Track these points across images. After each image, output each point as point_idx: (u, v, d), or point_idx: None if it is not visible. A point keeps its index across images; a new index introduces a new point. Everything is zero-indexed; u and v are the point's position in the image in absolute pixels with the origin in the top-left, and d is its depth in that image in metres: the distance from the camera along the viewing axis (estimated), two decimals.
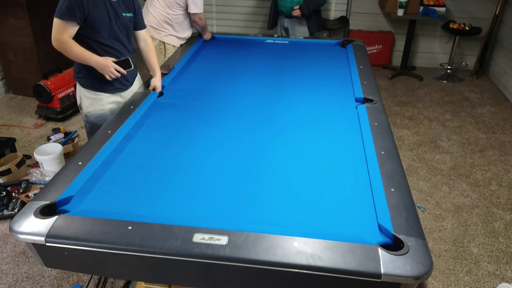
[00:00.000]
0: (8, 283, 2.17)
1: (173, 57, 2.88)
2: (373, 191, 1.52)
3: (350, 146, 1.85)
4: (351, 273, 1.17)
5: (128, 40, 2.28)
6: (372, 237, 1.31)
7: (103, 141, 1.78)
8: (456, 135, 3.66)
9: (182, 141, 1.88)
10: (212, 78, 2.59)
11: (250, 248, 1.22)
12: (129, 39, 2.28)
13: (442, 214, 2.70)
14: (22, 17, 3.83)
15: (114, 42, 2.17)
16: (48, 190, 1.47)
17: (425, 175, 3.09)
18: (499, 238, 2.50)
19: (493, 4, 4.69)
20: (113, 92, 2.28)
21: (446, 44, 5.12)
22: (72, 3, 1.95)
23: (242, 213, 1.43)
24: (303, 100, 2.30)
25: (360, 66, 2.72)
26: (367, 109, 2.12)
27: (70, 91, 3.90)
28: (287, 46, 3.21)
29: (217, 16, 5.41)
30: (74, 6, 1.95)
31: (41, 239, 1.27)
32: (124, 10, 2.16)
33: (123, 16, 2.16)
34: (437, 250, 2.41)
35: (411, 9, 4.63)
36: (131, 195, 1.51)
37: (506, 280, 2.23)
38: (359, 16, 5.16)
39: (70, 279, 2.19)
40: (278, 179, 1.62)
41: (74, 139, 3.43)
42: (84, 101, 2.29)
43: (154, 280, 1.54)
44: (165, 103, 2.25)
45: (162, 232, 1.27)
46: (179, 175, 1.64)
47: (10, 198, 2.71)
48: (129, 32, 2.26)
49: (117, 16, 2.13)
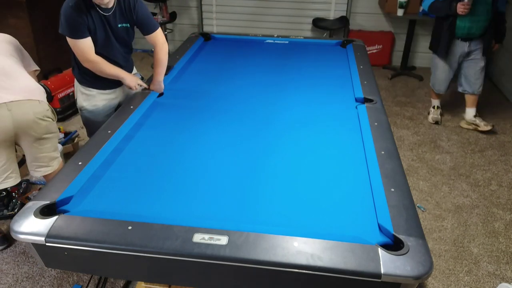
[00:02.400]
0: (8, 283, 2.17)
1: (173, 57, 2.88)
2: (373, 191, 1.52)
3: (350, 146, 1.85)
4: (351, 273, 1.17)
5: (126, 49, 2.33)
6: (372, 237, 1.31)
7: (103, 141, 1.78)
8: (456, 135, 3.66)
9: (182, 141, 1.88)
10: (212, 78, 2.59)
11: (250, 248, 1.22)
12: (127, 47, 2.33)
13: (442, 214, 2.70)
14: (22, 17, 3.83)
15: (110, 53, 2.22)
16: (48, 190, 1.47)
17: (425, 175, 3.09)
18: (499, 238, 2.50)
19: None
20: (105, 88, 2.34)
21: None
22: (74, 22, 2.01)
23: (242, 213, 1.43)
24: (303, 100, 2.30)
25: (360, 66, 2.72)
26: (367, 109, 2.12)
27: (70, 91, 3.90)
28: (287, 46, 3.21)
29: (217, 16, 5.41)
30: (78, 24, 2.02)
31: (41, 239, 1.27)
32: (120, 21, 2.17)
33: (119, 27, 2.18)
34: (437, 250, 2.41)
35: (411, 9, 4.62)
36: (131, 195, 1.51)
37: (506, 280, 2.23)
38: (359, 16, 5.16)
39: (70, 279, 2.19)
40: (278, 179, 1.62)
41: (74, 139, 3.43)
42: (79, 96, 2.38)
43: (154, 280, 1.54)
44: (165, 103, 2.25)
45: (162, 232, 1.27)
46: (179, 175, 1.64)
47: (10, 198, 2.71)
48: (127, 41, 2.29)
49: (111, 28, 2.16)
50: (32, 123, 2.05)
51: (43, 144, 2.17)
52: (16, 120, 2.00)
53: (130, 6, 2.17)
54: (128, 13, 2.18)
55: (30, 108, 2.04)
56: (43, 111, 2.10)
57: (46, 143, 2.19)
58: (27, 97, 2.05)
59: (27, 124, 2.04)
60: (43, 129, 2.11)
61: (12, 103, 1.98)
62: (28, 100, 2.04)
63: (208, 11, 5.39)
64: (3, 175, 2.12)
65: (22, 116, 2.01)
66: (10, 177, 2.15)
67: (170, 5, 5.27)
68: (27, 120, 2.03)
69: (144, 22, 2.25)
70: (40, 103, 2.10)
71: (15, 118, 1.99)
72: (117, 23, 2.17)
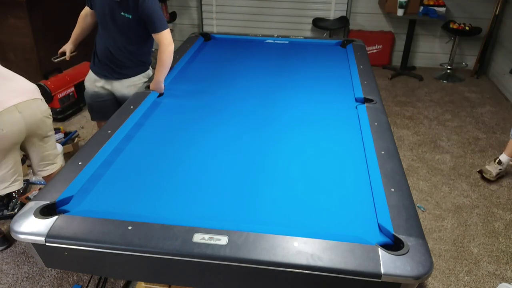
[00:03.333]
0: (8, 283, 2.17)
1: (173, 57, 2.87)
2: (373, 191, 1.52)
3: (350, 146, 1.85)
4: (351, 273, 1.17)
5: (126, 41, 2.35)
6: (372, 237, 1.30)
7: (103, 141, 1.78)
8: (456, 135, 3.66)
9: (182, 141, 1.88)
10: (212, 78, 2.59)
11: (250, 248, 1.22)
12: (128, 38, 2.34)
13: (442, 214, 2.70)
14: (22, 17, 3.82)
15: (106, 38, 2.33)
16: (48, 190, 1.47)
17: (425, 175, 3.09)
18: (499, 238, 2.50)
19: (493, 4, 4.69)
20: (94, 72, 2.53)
21: (446, 44, 5.12)
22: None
23: (242, 213, 1.43)
24: (303, 100, 2.30)
25: (360, 66, 2.71)
26: (367, 109, 2.12)
27: (70, 91, 3.90)
28: (287, 46, 3.21)
29: (217, 16, 5.41)
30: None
31: (41, 239, 1.27)
32: (124, 10, 2.19)
33: (121, 15, 2.22)
34: (437, 250, 2.41)
35: (411, 9, 4.63)
36: (131, 195, 1.51)
37: (506, 280, 2.23)
38: (359, 16, 5.17)
39: (70, 279, 2.19)
40: (278, 179, 1.62)
41: (74, 139, 3.43)
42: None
43: (154, 280, 1.54)
44: (165, 103, 2.25)
45: (162, 232, 1.27)
46: (179, 175, 1.64)
47: (10, 198, 2.71)
48: (128, 33, 2.29)
49: (113, 13, 2.22)
50: (40, 122, 2.07)
51: (47, 142, 2.19)
52: (27, 122, 2.01)
53: (139, 0, 2.19)
54: (134, 6, 2.21)
55: (37, 108, 2.06)
56: (46, 109, 2.12)
57: (50, 140, 2.21)
58: (31, 96, 2.06)
59: (36, 124, 2.05)
60: (48, 126, 2.14)
61: (20, 105, 1.99)
62: (34, 99, 2.06)
63: (208, 11, 5.40)
64: (11, 178, 2.13)
65: (32, 116, 2.03)
66: (17, 180, 2.16)
67: (170, 5, 5.27)
68: (35, 120, 2.05)
69: (149, 20, 2.26)
70: (42, 101, 2.13)
71: (26, 120, 2.01)
72: (120, 11, 2.23)
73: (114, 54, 2.40)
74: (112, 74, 2.48)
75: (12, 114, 1.95)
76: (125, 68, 2.46)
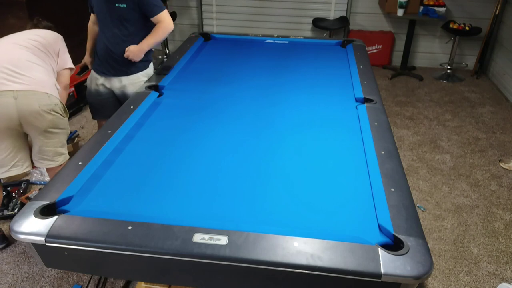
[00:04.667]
0: (8, 283, 2.17)
1: (173, 57, 2.88)
2: (373, 191, 1.52)
3: (350, 146, 1.85)
4: (351, 273, 1.17)
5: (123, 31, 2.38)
6: (372, 237, 1.31)
7: (103, 141, 1.78)
8: (456, 135, 3.66)
9: (182, 141, 1.88)
10: (212, 78, 2.59)
11: (250, 248, 1.22)
12: (125, 29, 2.38)
13: (442, 214, 2.70)
14: (22, 17, 3.82)
15: (104, 34, 2.37)
16: (48, 190, 1.47)
17: (425, 175, 3.09)
18: (499, 238, 2.50)
19: (493, 4, 4.69)
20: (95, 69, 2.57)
21: (446, 44, 5.12)
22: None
23: (242, 213, 1.43)
24: (302, 100, 2.30)
25: (360, 66, 2.71)
26: (367, 109, 2.12)
27: (70, 91, 3.90)
28: (287, 46, 3.21)
29: (217, 16, 5.41)
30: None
31: (41, 239, 1.27)
32: (118, 1, 2.23)
33: (116, 6, 2.27)
34: (437, 250, 2.41)
35: (411, 9, 4.63)
36: (131, 195, 1.51)
37: (506, 280, 2.23)
38: (359, 16, 5.16)
39: (70, 279, 2.19)
40: (278, 179, 1.62)
41: (74, 139, 3.43)
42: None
43: (154, 280, 1.54)
44: (165, 103, 2.25)
45: (162, 232, 1.27)
46: (179, 175, 1.64)
47: (10, 198, 2.71)
48: (124, 23, 2.34)
49: (109, 5, 2.28)
50: (37, 114, 2.07)
51: (49, 138, 2.19)
52: (20, 109, 2.02)
53: None
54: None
55: (36, 100, 2.05)
56: (50, 104, 2.11)
57: (53, 137, 2.20)
58: (35, 88, 2.07)
59: (30, 114, 2.05)
60: (48, 122, 2.13)
61: (18, 92, 2.01)
62: (35, 91, 2.06)
63: (208, 11, 5.40)
64: (11, 163, 2.17)
65: (27, 106, 2.03)
66: (16, 165, 2.20)
67: (170, 5, 5.27)
68: (31, 111, 2.04)
69: (146, 5, 2.30)
70: (49, 96, 2.11)
71: (20, 107, 2.01)
72: (115, 2, 2.27)
73: (112, 49, 2.42)
74: (111, 71, 2.50)
75: (5, 98, 2.00)
76: (124, 64, 2.46)
